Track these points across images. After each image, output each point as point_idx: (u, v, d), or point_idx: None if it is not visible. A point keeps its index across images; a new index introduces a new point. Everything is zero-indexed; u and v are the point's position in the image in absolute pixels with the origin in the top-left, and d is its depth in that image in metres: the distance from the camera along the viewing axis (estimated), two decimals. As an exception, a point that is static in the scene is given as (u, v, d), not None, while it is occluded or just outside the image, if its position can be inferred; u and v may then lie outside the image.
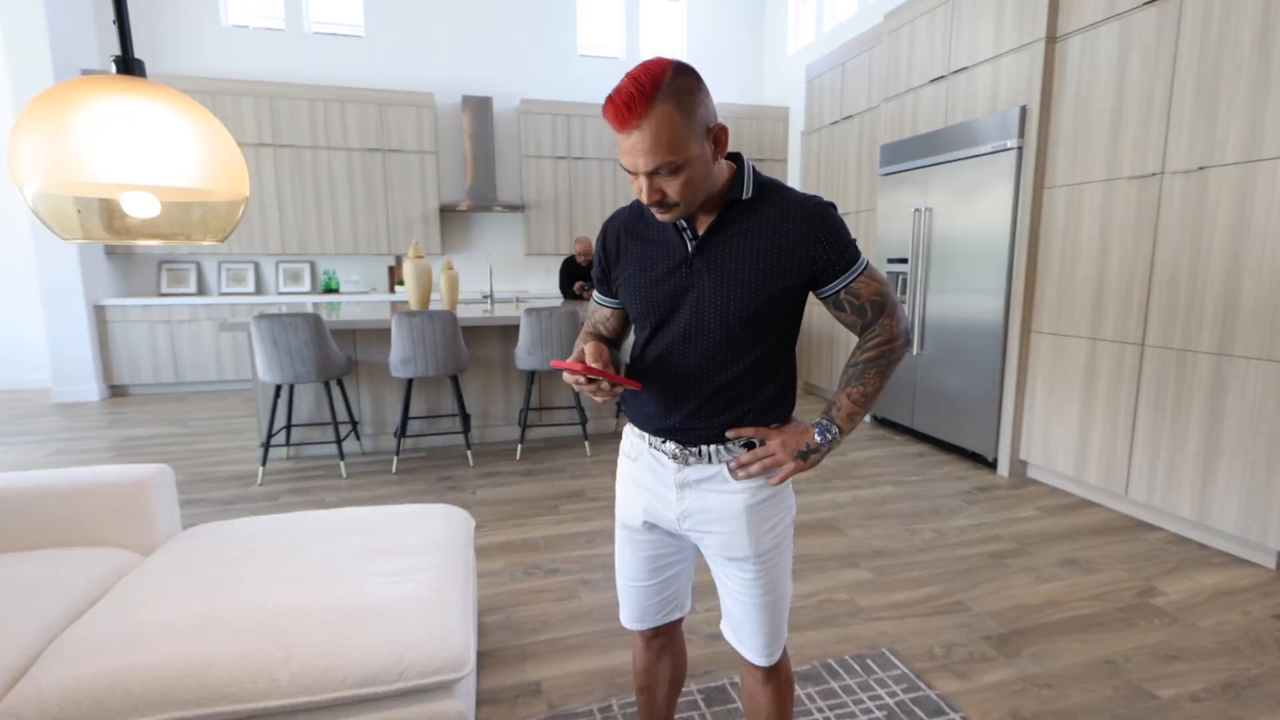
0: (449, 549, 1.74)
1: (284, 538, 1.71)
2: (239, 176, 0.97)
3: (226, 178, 0.95)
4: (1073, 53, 2.99)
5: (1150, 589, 2.32)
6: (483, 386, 4.14)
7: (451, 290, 4.03)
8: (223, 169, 0.95)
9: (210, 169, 0.94)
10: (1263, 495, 2.40)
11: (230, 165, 0.96)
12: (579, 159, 6.44)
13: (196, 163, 0.95)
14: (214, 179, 0.94)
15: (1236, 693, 1.78)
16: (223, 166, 0.95)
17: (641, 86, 0.90)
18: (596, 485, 3.40)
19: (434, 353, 3.47)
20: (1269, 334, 2.35)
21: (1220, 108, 2.45)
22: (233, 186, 0.96)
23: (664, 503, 1.15)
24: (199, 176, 0.94)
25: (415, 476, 3.54)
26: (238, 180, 0.97)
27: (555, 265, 6.87)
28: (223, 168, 0.95)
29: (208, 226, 1.04)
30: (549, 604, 2.24)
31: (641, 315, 1.12)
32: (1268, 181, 2.32)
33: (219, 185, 0.93)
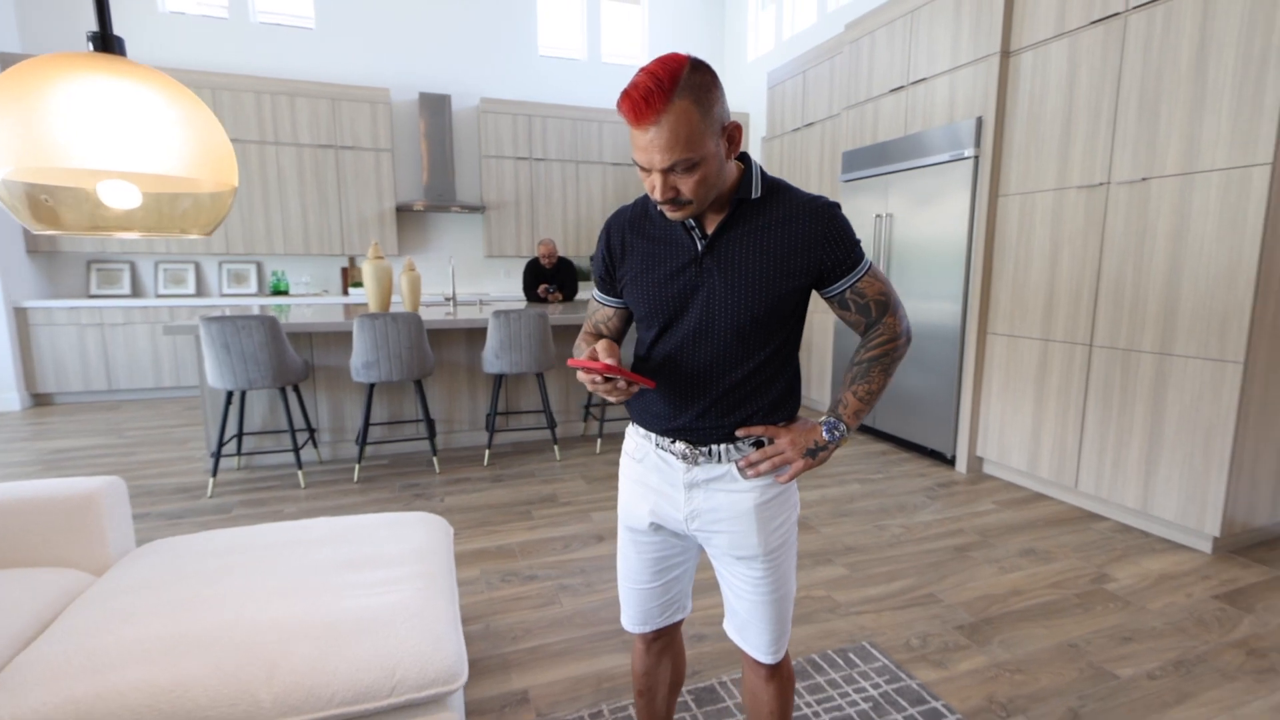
0: (430, 557, 1.69)
1: (254, 550, 1.62)
2: (227, 165, 0.91)
3: (213, 166, 0.89)
4: (1025, 67, 3.14)
5: (1103, 575, 2.45)
6: (447, 391, 4.04)
7: (414, 292, 3.92)
8: (209, 156, 0.89)
9: (196, 156, 0.88)
10: (1200, 485, 2.57)
11: (217, 153, 0.90)
12: (540, 160, 6.38)
13: (181, 149, 0.89)
14: (200, 167, 0.88)
15: (1187, 669, 1.89)
16: (209, 154, 0.89)
17: (660, 81, 0.89)
18: (568, 490, 3.36)
19: (398, 356, 3.37)
20: (1205, 335, 2.51)
21: (1161, 122, 2.61)
22: (220, 175, 0.90)
23: (671, 503, 1.14)
24: (184, 164, 0.87)
25: (378, 485, 3.42)
26: (225, 169, 0.91)
27: (516, 267, 6.78)
28: (209, 155, 0.89)
29: (193, 219, 0.97)
30: (529, 611, 2.20)
31: (649, 314, 1.11)
32: (1203, 193, 2.49)
33: (206, 174, 0.87)
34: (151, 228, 0.94)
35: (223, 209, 0.99)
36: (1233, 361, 2.44)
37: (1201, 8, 2.46)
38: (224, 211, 0.99)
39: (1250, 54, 2.33)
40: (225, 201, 0.99)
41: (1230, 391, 2.45)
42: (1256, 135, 2.33)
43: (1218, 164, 2.44)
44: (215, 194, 0.97)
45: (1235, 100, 2.38)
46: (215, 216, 0.98)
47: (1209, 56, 2.45)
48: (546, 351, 3.72)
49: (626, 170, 6.73)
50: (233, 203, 1.02)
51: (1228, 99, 2.40)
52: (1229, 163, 2.41)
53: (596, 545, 2.70)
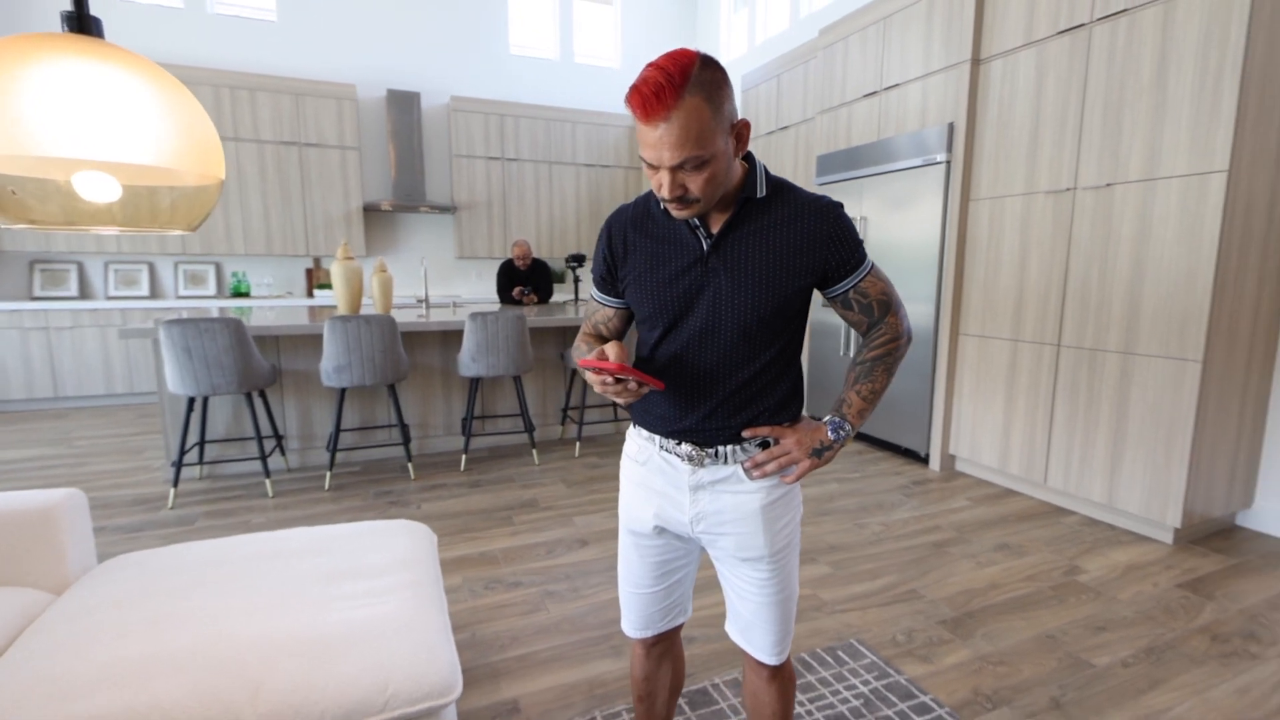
0: (416, 566, 1.64)
1: (230, 564, 1.55)
2: (213, 156, 0.86)
3: (198, 157, 0.83)
4: (995, 75, 3.23)
5: (1074, 568, 2.52)
6: (421, 395, 3.95)
7: (385, 294, 3.83)
8: (194, 147, 0.83)
9: (179, 146, 0.82)
10: (1162, 478, 2.67)
11: (202, 143, 0.84)
12: (513, 160, 6.31)
13: (163, 138, 0.83)
14: (184, 158, 0.83)
15: (1158, 656, 1.96)
16: (194, 144, 0.84)
17: (671, 77, 0.88)
18: (549, 494, 3.32)
19: (371, 360, 3.28)
20: (1166, 334, 2.62)
21: (1124, 130, 2.71)
22: (205, 167, 0.84)
23: (676, 506, 1.12)
24: (166, 154, 0.82)
25: (351, 493, 3.32)
26: (211, 160, 0.86)
27: (489, 269, 6.68)
28: (194, 145, 0.84)
29: (176, 214, 0.91)
30: (515, 618, 2.15)
31: (653, 315, 1.09)
32: (1164, 198, 2.59)
33: (189, 165, 0.82)
34: (130, 223, 0.88)
35: (208, 203, 0.93)
36: (1192, 360, 2.54)
37: (1162, 21, 2.57)
38: (209, 206, 0.94)
39: (1207, 66, 2.44)
40: (211, 195, 0.93)
41: (1190, 389, 2.56)
42: (1213, 144, 2.43)
43: (1177, 171, 2.55)
44: (200, 187, 0.92)
45: (1194, 110, 2.49)
46: (200, 211, 0.93)
47: (1169, 68, 2.56)
48: (525, 354, 3.67)
49: (600, 171, 6.71)
50: (219, 197, 0.97)
51: (1186, 109, 2.50)
52: (1188, 170, 2.51)
53: (580, 550, 2.67)
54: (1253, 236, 2.54)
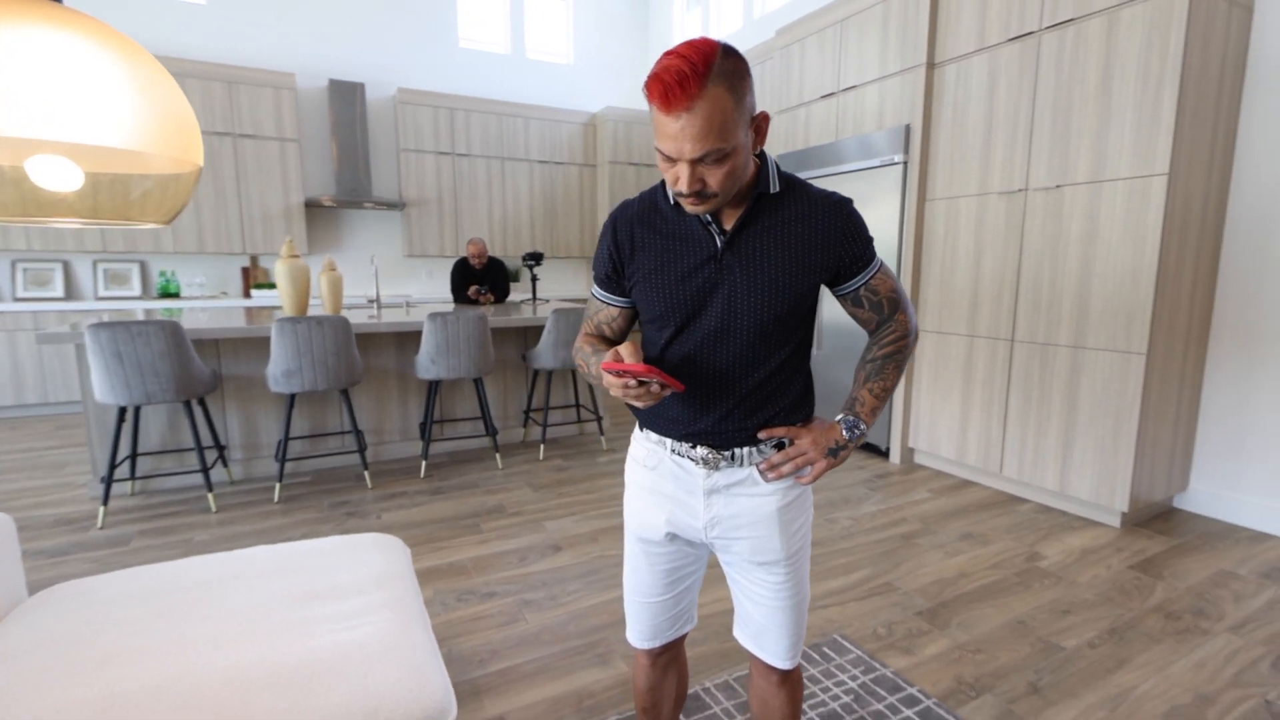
0: (393, 583, 1.54)
1: (187, 590, 1.42)
2: (190, 139, 0.76)
3: (174, 140, 0.74)
4: (949, 79, 3.33)
5: (1035, 554, 2.62)
6: (375, 400, 3.78)
7: (335, 294, 3.64)
8: (168, 128, 0.74)
9: (152, 127, 0.72)
10: (1110, 465, 2.81)
11: (178, 124, 0.75)
12: (464, 156, 6.12)
13: (133, 118, 0.73)
14: (157, 140, 0.73)
15: (1120, 635, 2.05)
16: (168, 125, 0.74)
17: (694, 66, 0.84)
18: (515, 499, 3.22)
19: (323, 364, 3.10)
20: (1113, 329, 2.75)
21: (1072, 134, 2.84)
22: (182, 151, 0.75)
23: (689, 511, 1.08)
24: (136, 136, 0.72)
25: (304, 504, 3.13)
26: (188, 144, 0.76)
27: (440, 267, 6.47)
28: (168, 127, 0.74)
29: (149, 205, 0.80)
30: (492, 631, 2.07)
31: (664, 314, 1.05)
32: (1110, 200, 2.73)
33: (163, 149, 0.72)
34: (94, 214, 0.77)
35: (184, 193, 0.83)
36: (1137, 353, 2.68)
37: (1106, 31, 2.70)
38: (185, 196, 0.83)
39: (1148, 74, 2.58)
40: (187, 184, 0.83)
41: (1135, 380, 2.70)
42: (1155, 148, 2.57)
43: (1122, 174, 2.68)
44: (175, 175, 0.81)
45: (1136, 116, 2.62)
46: (175, 202, 0.82)
47: (1113, 75, 2.69)
48: (486, 355, 3.55)
49: (554, 168, 6.60)
50: (196, 186, 0.86)
51: (1130, 115, 2.64)
52: (1132, 173, 2.65)
53: (554, 556, 2.60)
54: (1189, 236, 2.71)
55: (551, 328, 3.74)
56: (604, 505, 3.14)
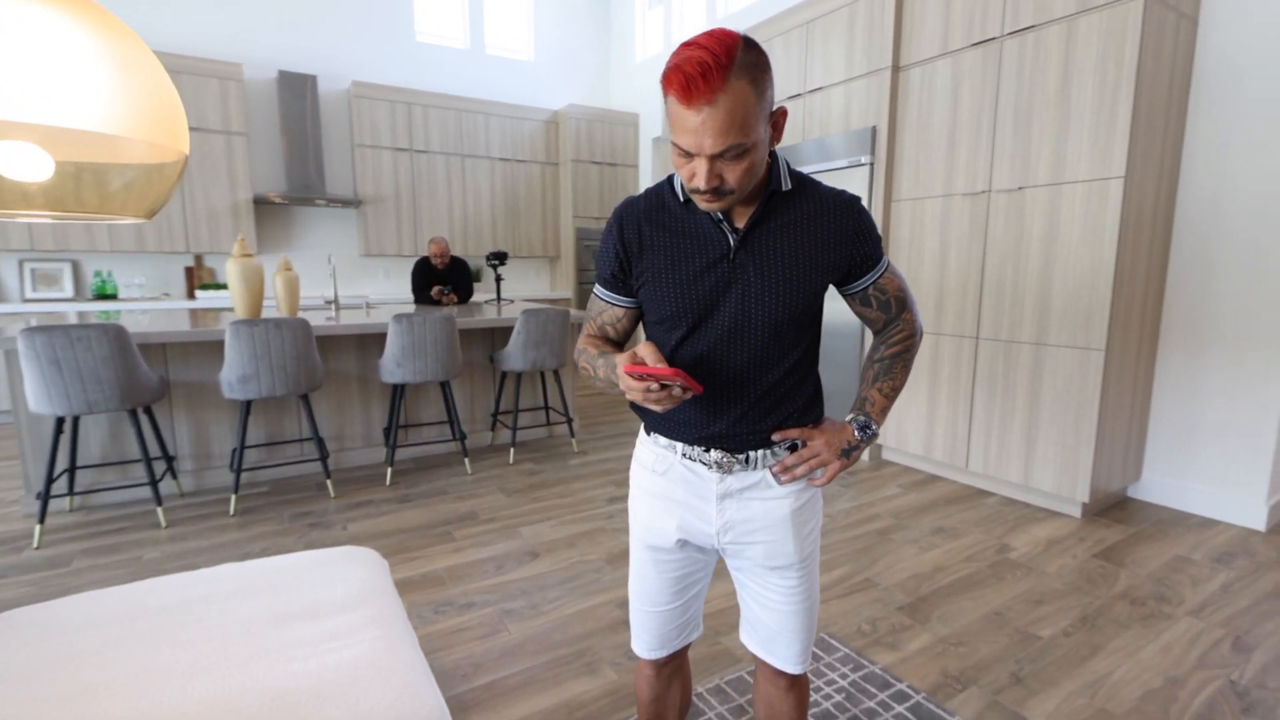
0: (375, 598, 1.47)
1: (152, 615, 1.31)
2: (176, 124, 0.68)
3: (158, 124, 0.66)
4: (914, 82, 3.40)
5: (1004, 546, 2.70)
6: (336, 405, 3.62)
7: (291, 295, 3.48)
8: (152, 111, 0.66)
9: (133, 110, 0.65)
10: (1072, 458, 2.91)
11: (163, 106, 0.67)
12: (422, 152, 5.95)
13: (111, 99, 0.65)
14: (139, 124, 0.65)
15: (1091, 623, 2.12)
16: (152, 107, 0.66)
17: (717, 57, 0.81)
18: (487, 505, 3.14)
19: (282, 368, 2.95)
20: (1073, 326, 2.86)
21: (1033, 137, 2.93)
22: (168, 138, 0.67)
23: (702, 517, 1.05)
24: (114, 119, 0.64)
25: (262, 516, 2.98)
26: (174, 129, 0.68)
27: (398, 267, 6.28)
28: (151, 109, 0.66)
29: (130, 197, 0.72)
30: (474, 643, 2.00)
31: (675, 314, 1.01)
32: (1069, 201, 2.83)
33: (146, 134, 0.64)
34: (68, 207, 0.68)
35: (168, 184, 0.75)
36: (1096, 349, 2.79)
37: (1065, 38, 2.79)
38: (170, 188, 0.75)
39: (1105, 81, 2.68)
40: (172, 174, 0.75)
41: (1094, 375, 2.81)
42: (1111, 152, 2.68)
43: (1081, 176, 2.78)
44: (159, 165, 0.73)
45: (1094, 120, 2.72)
46: (158, 194, 0.74)
47: (1072, 81, 2.78)
48: (454, 358, 3.45)
49: (516, 166, 6.48)
50: (182, 177, 0.78)
51: (1088, 119, 2.74)
52: (1090, 175, 2.75)
53: (532, 563, 2.53)
54: (1142, 237, 2.83)
55: (521, 329, 3.66)
56: (579, 509, 3.08)
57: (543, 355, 3.75)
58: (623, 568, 2.49)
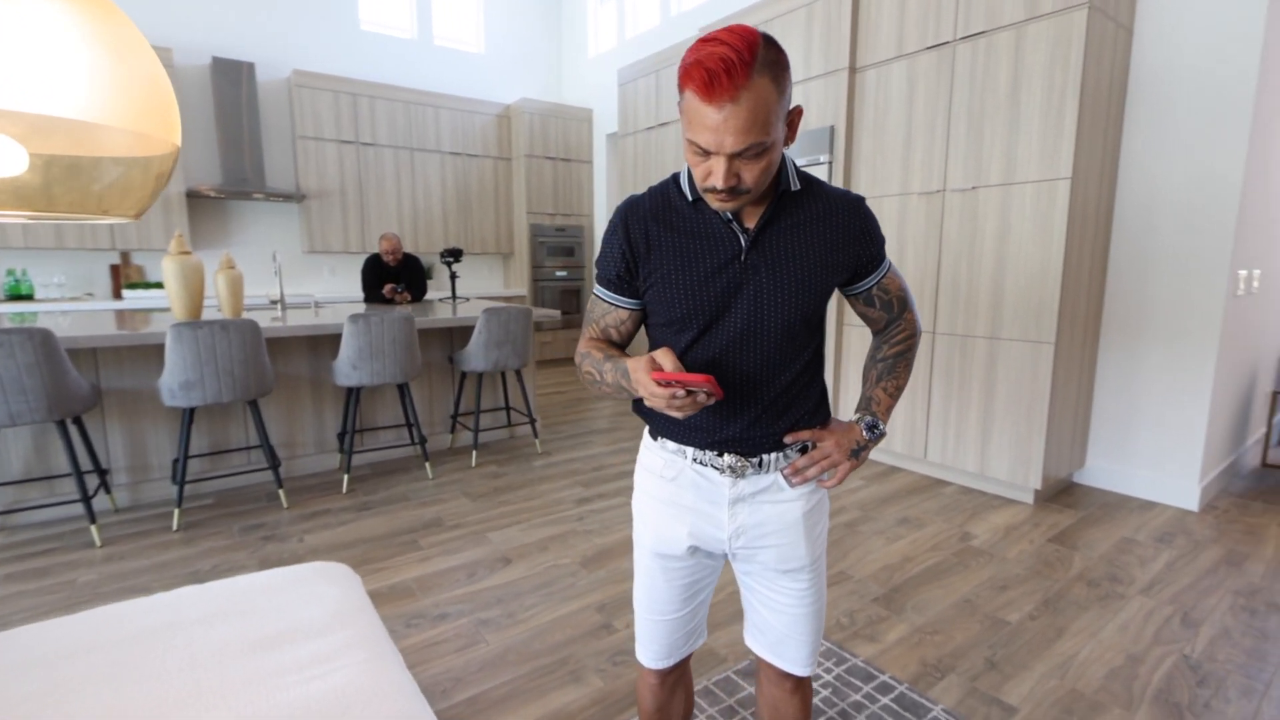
0: (354, 617, 1.39)
1: (108, 648, 1.20)
2: (168, 114, 0.60)
3: (149, 113, 0.58)
4: (871, 83, 3.47)
5: (966, 534, 2.79)
6: (285, 410, 3.44)
7: (235, 294, 3.28)
8: (143, 98, 0.58)
9: (119, 96, 0.57)
10: (1025, 447, 3.04)
11: (153, 93, 0.59)
12: (369, 145, 5.72)
13: (99, 84, 0.57)
14: (127, 113, 0.57)
15: (1053, 606, 2.21)
16: (143, 94, 0.58)
17: (740, 54, 0.78)
18: (453, 511, 3.04)
19: (229, 373, 2.77)
20: (1025, 321, 2.98)
21: (985, 139, 3.04)
22: (159, 129, 0.59)
23: (713, 523, 1.03)
24: (102, 107, 0.56)
25: (209, 530, 2.79)
26: (166, 119, 0.60)
27: (345, 264, 6.02)
28: (143, 96, 0.58)
29: (116, 195, 0.63)
30: (452, 657, 1.92)
31: (686, 316, 0.98)
32: (1020, 201, 2.94)
33: (134, 123, 0.57)
34: (42, 206, 0.59)
35: (159, 180, 0.66)
36: (1046, 343, 2.92)
37: (1015, 44, 2.90)
38: (160, 184, 0.67)
39: (1052, 86, 2.80)
40: (164, 169, 0.66)
41: (1045, 368, 2.94)
42: (1059, 154, 2.80)
43: (1030, 177, 2.90)
44: (148, 159, 0.64)
45: (1042, 124, 2.84)
46: (148, 191, 0.65)
47: (1021, 86, 2.90)
48: (413, 359, 3.33)
49: (467, 161, 6.32)
50: (174, 171, 0.69)
51: (1037, 122, 2.86)
52: (1039, 176, 2.87)
53: (505, 570, 2.46)
54: (1086, 235, 2.97)
55: (482, 328, 3.56)
56: (548, 512, 3.02)
57: (505, 355, 3.66)
58: (598, 570, 2.45)
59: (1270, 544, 2.67)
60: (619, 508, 3.06)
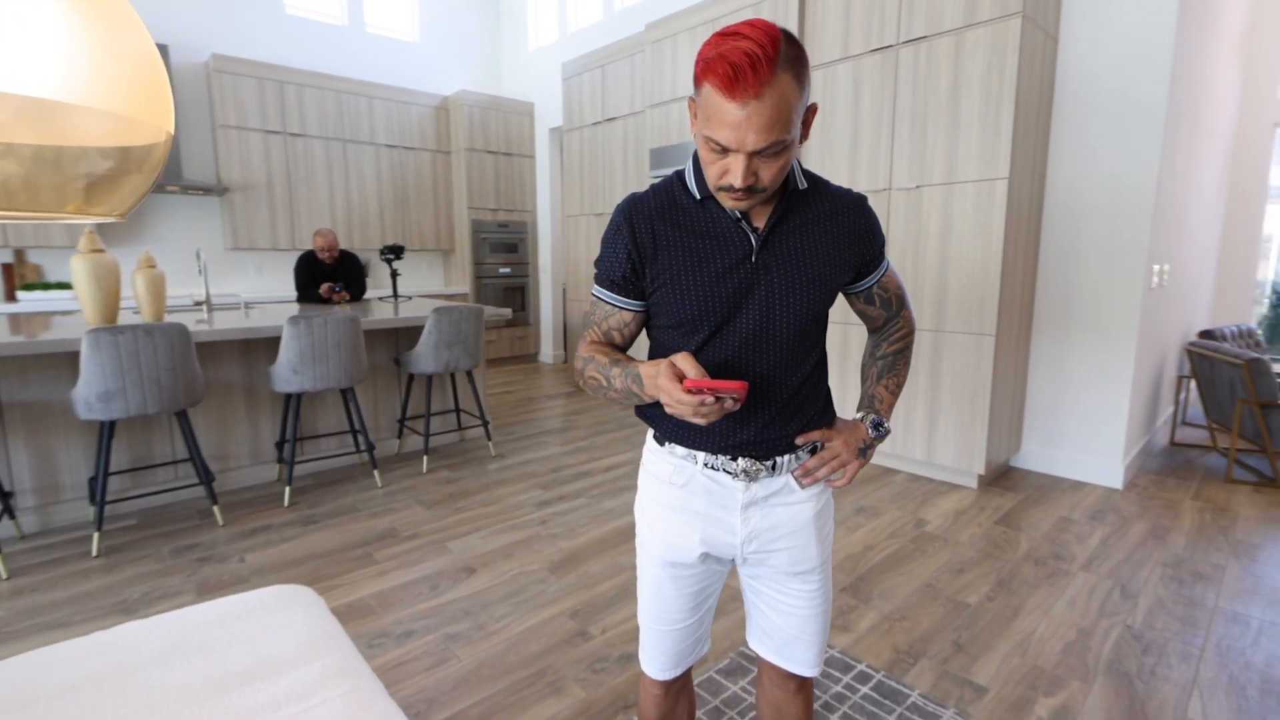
0: (327, 646, 1.30)
1: (46, 701, 1.06)
2: (160, 96, 0.51)
3: (138, 95, 0.49)
4: (818, 84, 3.54)
5: (920, 520, 2.90)
6: (217, 420, 3.19)
7: (156, 295, 3.03)
8: (132, 78, 0.49)
9: (109, 75, 0.48)
10: (969, 434, 3.19)
11: (146, 73, 0.50)
12: (298, 135, 5.39)
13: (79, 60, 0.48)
14: (116, 94, 0.48)
15: (1007, 586, 2.33)
16: (132, 73, 0.49)
17: (764, 49, 0.77)
18: (407, 520, 2.91)
19: (155, 381, 2.54)
20: (968, 314, 3.12)
21: (928, 140, 3.16)
22: (149, 114, 0.50)
23: (725, 528, 1.01)
24: (84, 86, 0.47)
25: (135, 555, 2.56)
26: (157, 102, 0.51)
27: (273, 262, 5.66)
28: (132, 75, 0.49)
29: (100, 190, 0.53)
30: (422, 676, 1.83)
31: (696, 318, 0.96)
32: (961, 200, 3.08)
33: (126, 106, 0.48)
34: (17, 204, 0.49)
35: (150, 173, 0.56)
36: (988, 335, 3.07)
37: (955, 50, 3.02)
38: (150, 178, 0.57)
39: (990, 91, 2.93)
40: (153, 161, 0.56)
41: (987, 359, 3.09)
42: (997, 155, 2.94)
43: (971, 177, 3.03)
44: (136, 148, 0.55)
45: (981, 127, 2.98)
46: (135, 186, 0.55)
47: (961, 90, 3.02)
48: (359, 362, 3.16)
49: (404, 154, 6.06)
50: (165, 163, 0.60)
51: (976, 125, 2.99)
52: (979, 176, 3.01)
53: (469, 580, 2.37)
54: (1020, 232, 3.14)
55: (433, 328, 3.42)
56: (509, 517, 2.94)
57: (456, 355, 3.54)
58: (568, 575, 2.40)
59: (1187, 517, 2.91)
60: (582, 509, 3.01)
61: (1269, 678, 1.82)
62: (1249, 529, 2.79)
